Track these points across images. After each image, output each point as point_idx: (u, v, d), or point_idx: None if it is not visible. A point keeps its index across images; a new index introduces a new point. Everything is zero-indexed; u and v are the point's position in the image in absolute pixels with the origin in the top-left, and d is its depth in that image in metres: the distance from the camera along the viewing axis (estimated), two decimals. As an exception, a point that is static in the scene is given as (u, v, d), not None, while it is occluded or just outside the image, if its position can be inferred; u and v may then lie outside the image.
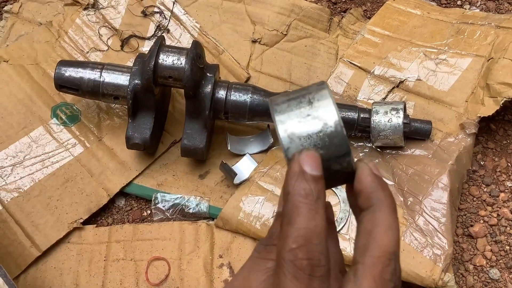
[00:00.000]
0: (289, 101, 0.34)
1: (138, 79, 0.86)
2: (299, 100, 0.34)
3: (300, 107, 0.34)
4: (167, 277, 0.84)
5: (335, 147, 0.33)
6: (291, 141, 0.33)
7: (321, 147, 0.33)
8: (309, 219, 0.30)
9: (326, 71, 1.02)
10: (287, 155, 0.33)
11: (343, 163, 0.34)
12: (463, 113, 0.92)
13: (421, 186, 0.86)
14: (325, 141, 0.33)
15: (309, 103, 0.34)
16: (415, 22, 1.03)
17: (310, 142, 0.33)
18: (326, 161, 0.33)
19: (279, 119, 0.34)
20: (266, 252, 0.34)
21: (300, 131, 0.33)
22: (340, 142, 0.33)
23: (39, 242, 0.86)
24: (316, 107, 0.33)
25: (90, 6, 1.07)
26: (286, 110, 0.34)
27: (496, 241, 0.87)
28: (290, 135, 0.33)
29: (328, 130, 0.33)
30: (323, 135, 0.33)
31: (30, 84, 0.99)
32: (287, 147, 0.33)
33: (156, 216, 0.90)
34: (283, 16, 1.06)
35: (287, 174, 0.32)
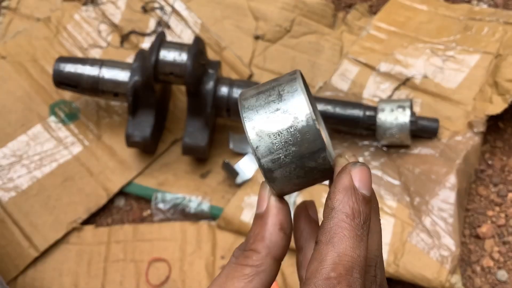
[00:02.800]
0: (258, 95, 0.31)
1: (138, 76, 0.85)
2: (268, 94, 0.31)
3: (269, 101, 0.31)
4: (168, 278, 0.83)
5: (308, 143, 0.30)
6: (260, 139, 0.30)
7: (292, 144, 0.30)
8: (354, 247, 0.27)
9: (330, 68, 1.00)
10: (257, 155, 0.31)
11: (318, 159, 0.31)
12: (471, 111, 0.90)
13: (428, 186, 0.84)
14: (297, 137, 0.30)
15: (279, 96, 0.31)
16: (421, 18, 1.01)
17: (280, 140, 0.30)
18: (300, 158, 0.31)
19: (247, 115, 0.31)
20: (244, 257, 0.31)
21: (269, 128, 0.30)
22: (313, 137, 0.30)
23: (37, 242, 0.84)
24: (286, 100, 0.31)
25: (89, 2, 1.05)
26: (254, 105, 0.31)
27: (504, 242, 0.86)
28: (259, 133, 0.30)
29: (299, 125, 0.30)
30: (294, 130, 0.30)
31: (29, 81, 0.97)
32: (256, 146, 0.30)
33: (157, 216, 0.88)
34: (287, 11, 1.04)
35: (335, 186, 0.29)
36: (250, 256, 0.31)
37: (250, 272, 0.30)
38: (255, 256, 0.31)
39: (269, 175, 0.31)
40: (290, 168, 0.31)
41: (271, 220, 0.32)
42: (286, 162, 0.31)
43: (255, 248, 0.31)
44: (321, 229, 0.29)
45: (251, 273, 0.30)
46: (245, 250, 0.32)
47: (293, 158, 0.31)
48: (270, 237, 0.31)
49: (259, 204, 0.33)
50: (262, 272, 0.31)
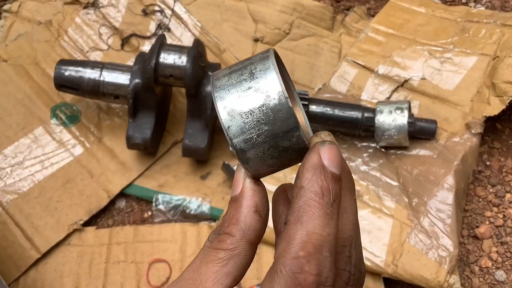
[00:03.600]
0: (230, 74, 0.30)
1: (138, 78, 0.85)
2: (240, 72, 0.30)
3: (241, 79, 0.30)
4: (169, 279, 0.83)
5: (281, 122, 0.29)
6: (232, 118, 0.29)
7: (265, 123, 0.29)
8: (323, 225, 0.27)
9: (329, 70, 1.00)
10: (229, 135, 0.29)
11: (292, 138, 0.30)
12: (469, 113, 0.90)
13: (426, 187, 0.85)
14: (269, 115, 0.29)
15: (251, 75, 0.30)
16: (419, 20, 1.02)
17: (252, 119, 0.29)
18: (273, 138, 0.29)
19: (218, 95, 0.30)
20: (218, 241, 0.30)
21: (241, 107, 0.29)
22: (286, 116, 0.29)
23: (39, 244, 0.85)
24: (258, 79, 0.30)
25: (90, 5, 1.05)
26: (226, 84, 0.30)
27: (502, 242, 0.86)
28: (230, 112, 0.29)
29: (271, 103, 0.29)
30: (266, 109, 0.29)
31: (30, 84, 0.98)
32: (227, 126, 0.29)
33: (157, 217, 0.89)
34: (286, 14, 1.05)
35: (303, 165, 0.29)
36: (224, 240, 0.30)
37: (224, 256, 0.30)
38: (229, 239, 0.30)
39: (242, 156, 0.30)
40: (263, 148, 0.30)
41: (246, 202, 0.31)
42: (259, 142, 0.30)
43: (229, 231, 0.30)
44: (290, 209, 0.28)
45: (226, 257, 0.29)
46: (219, 234, 0.30)
47: (266, 137, 0.29)
48: (245, 220, 0.30)
49: (234, 187, 0.32)
50: (236, 255, 0.30)
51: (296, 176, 0.29)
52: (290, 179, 0.88)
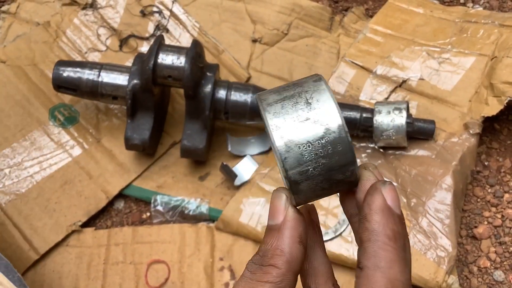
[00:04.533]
0: (284, 101, 0.30)
1: (137, 79, 0.85)
2: (295, 100, 0.29)
3: (297, 108, 0.29)
4: (167, 280, 0.83)
5: (338, 156, 0.29)
6: (289, 149, 0.29)
7: (322, 156, 0.29)
8: (401, 271, 0.26)
9: (327, 70, 1.00)
10: (285, 167, 0.29)
11: (347, 172, 0.30)
12: (467, 113, 0.90)
13: (424, 187, 0.85)
14: (328, 149, 0.29)
15: (307, 104, 0.29)
16: (417, 21, 1.02)
17: (310, 151, 0.29)
18: (328, 171, 0.29)
19: (274, 123, 0.29)
20: (262, 273, 0.29)
21: (298, 138, 0.29)
22: (345, 150, 0.29)
23: (37, 245, 0.85)
24: (316, 109, 0.29)
25: (88, 6, 1.05)
26: (280, 112, 0.29)
27: (501, 243, 0.86)
28: (288, 143, 0.29)
29: (331, 137, 0.29)
30: (325, 142, 0.29)
31: (28, 85, 0.98)
32: (284, 158, 0.29)
33: (156, 218, 0.89)
34: (284, 15, 1.05)
35: (369, 206, 0.28)
36: (269, 272, 0.29)
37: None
38: (275, 272, 0.29)
39: (295, 188, 0.29)
40: (317, 180, 0.29)
41: (290, 232, 0.30)
42: (314, 175, 0.29)
43: (274, 263, 0.29)
44: (364, 253, 0.28)
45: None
46: (262, 265, 0.29)
47: (322, 170, 0.29)
48: (290, 251, 0.29)
49: (274, 215, 0.31)
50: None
51: (363, 218, 0.29)
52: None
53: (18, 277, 0.69)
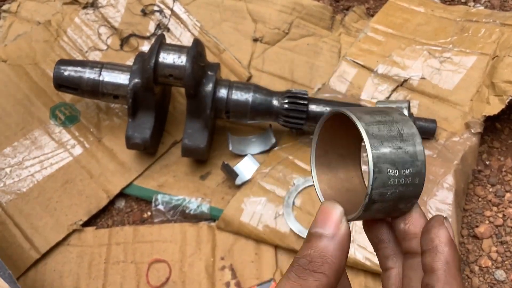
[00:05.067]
0: (379, 125, 0.31)
1: (138, 78, 0.85)
2: (389, 128, 0.32)
3: (392, 135, 0.31)
4: (168, 280, 0.83)
5: (413, 187, 0.31)
6: (380, 171, 0.30)
7: (402, 184, 0.31)
8: None
9: (328, 70, 1.00)
10: (372, 185, 0.30)
11: (409, 204, 0.32)
12: (468, 112, 0.90)
13: (426, 187, 0.85)
14: (408, 179, 0.31)
15: (400, 135, 0.31)
16: (418, 20, 1.02)
17: (395, 178, 0.31)
18: (399, 199, 0.31)
19: (372, 143, 0.30)
20: (312, 279, 0.30)
21: (390, 164, 0.31)
22: (419, 183, 0.31)
23: (38, 244, 0.85)
24: (407, 142, 0.31)
25: (89, 5, 1.05)
26: (378, 135, 0.31)
27: (502, 242, 0.86)
28: (381, 164, 0.30)
29: (414, 169, 0.31)
30: (409, 172, 0.31)
31: (29, 84, 0.98)
32: (375, 177, 0.30)
33: (157, 217, 0.89)
34: (285, 14, 1.05)
35: (439, 238, 0.31)
36: (319, 279, 0.30)
37: None
38: (325, 280, 0.30)
39: (369, 205, 0.31)
40: (387, 204, 0.31)
41: (342, 245, 0.31)
42: (389, 199, 0.31)
43: (324, 271, 0.30)
44: (437, 280, 0.30)
45: None
46: (313, 271, 0.30)
47: (396, 197, 0.31)
48: (340, 263, 0.31)
49: (326, 224, 0.31)
50: None
51: (430, 246, 0.31)
52: (289, 178, 0.88)
53: (9, 274, 0.69)
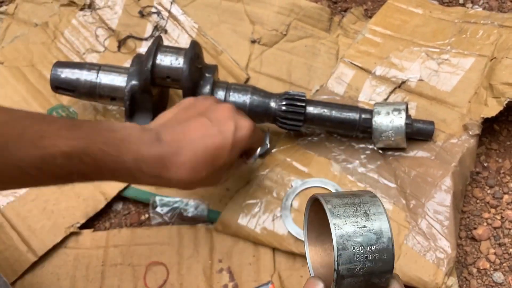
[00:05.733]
0: (345, 207, 0.35)
1: (135, 80, 0.85)
2: (355, 209, 0.35)
3: (357, 216, 0.35)
4: (166, 282, 0.83)
5: (382, 263, 0.34)
6: (344, 248, 0.34)
7: (369, 260, 0.34)
8: None
9: (326, 71, 1.00)
10: (338, 261, 0.34)
11: (383, 278, 0.35)
12: (466, 114, 0.90)
13: (424, 189, 0.85)
14: (375, 255, 0.34)
15: (365, 214, 0.35)
16: (417, 21, 1.02)
17: (361, 253, 0.34)
18: (370, 274, 0.34)
19: (336, 222, 0.34)
20: None
21: (355, 240, 0.34)
22: (388, 259, 0.34)
23: (35, 247, 0.85)
24: (372, 220, 0.35)
25: (87, 7, 1.05)
26: (343, 215, 0.35)
27: (500, 244, 0.86)
28: (345, 242, 0.34)
29: (380, 246, 0.34)
30: (374, 249, 0.34)
31: (26, 86, 0.98)
32: (340, 253, 0.34)
33: (154, 220, 0.88)
34: (283, 15, 1.05)
35: None
36: None
37: None
38: None
39: (340, 281, 0.34)
40: (358, 279, 0.35)
41: None
42: (358, 274, 0.34)
43: None
44: None
45: None
46: None
47: (365, 272, 0.34)
48: None
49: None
50: None
51: None
52: (287, 181, 0.88)
53: (4, 282, 0.69)
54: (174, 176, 0.65)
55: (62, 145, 0.54)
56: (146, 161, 0.62)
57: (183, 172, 0.65)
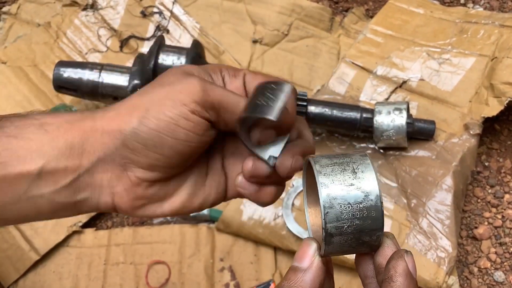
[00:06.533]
0: (333, 166, 0.35)
1: (137, 79, 0.85)
2: (343, 168, 0.35)
3: (344, 174, 0.35)
4: (168, 281, 0.83)
5: (371, 220, 0.34)
6: (331, 206, 0.34)
7: (358, 218, 0.34)
8: None
9: (328, 71, 1.00)
10: (325, 219, 0.34)
11: (373, 236, 0.35)
12: (467, 114, 0.90)
13: (424, 188, 0.85)
14: (363, 212, 0.34)
15: (353, 173, 0.35)
16: (418, 21, 1.02)
17: (349, 211, 0.34)
18: (359, 232, 0.34)
19: (323, 181, 0.34)
20: None
21: (342, 198, 0.34)
22: (377, 217, 0.34)
23: (38, 246, 0.85)
24: (360, 178, 0.35)
25: (89, 7, 1.06)
26: (330, 174, 0.35)
27: (501, 243, 0.86)
28: (332, 200, 0.34)
29: (368, 203, 0.34)
30: (362, 206, 0.34)
31: (29, 86, 0.98)
32: (326, 212, 0.34)
33: (156, 219, 0.89)
34: (284, 15, 1.05)
35: (395, 269, 0.33)
36: None
37: None
38: None
39: (328, 239, 0.34)
40: (348, 237, 0.34)
41: (313, 278, 0.35)
42: (347, 232, 0.34)
43: None
44: None
45: None
46: None
47: (354, 230, 0.34)
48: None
49: (302, 259, 0.35)
50: None
51: (386, 276, 0.34)
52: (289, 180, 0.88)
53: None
54: None
55: None
56: None
57: None
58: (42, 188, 0.38)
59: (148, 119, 0.37)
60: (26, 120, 0.39)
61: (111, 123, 0.38)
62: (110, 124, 0.38)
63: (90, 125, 0.38)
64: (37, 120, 0.39)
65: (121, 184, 0.39)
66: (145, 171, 0.39)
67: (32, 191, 0.38)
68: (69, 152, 0.38)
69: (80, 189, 0.39)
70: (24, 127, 0.38)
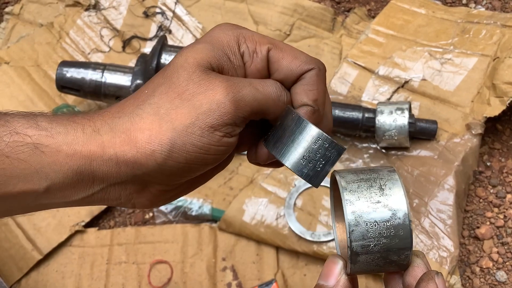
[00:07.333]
0: (360, 182, 0.34)
1: (140, 79, 0.86)
2: (370, 184, 0.34)
3: (371, 191, 0.33)
4: (170, 280, 0.84)
5: (398, 239, 0.33)
6: (357, 224, 0.33)
7: (385, 236, 0.33)
8: None
9: (330, 71, 1.01)
10: (350, 238, 0.33)
11: (402, 255, 0.33)
12: (469, 113, 0.91)
13: (426, 188, 0.85)
14: (391, 231, 0.33)
15: (380, 189, 0.34)
16: (420, 21, 1.02)
17: (375, 229, 0.33)
18: (386, 251, 0.33)
19: (349, 198, 0.33)
20: None
21: (368, 217, 0.33)
22: (405, 236, 0.33)
23: (40, 245, 0.85)
24: (387, 195, 0.33)
25: (92, 7, 1.06)
26: (356, 191, 0.34)
27: (503, 243, 0.86)
28: (358, 218, 0.33)
29: (395, 222, 0.33)
30: (390, 225, 0.33)
31: (31, 86, 0.98)
32: (352, 230, 0.33)
33: (159, 218, 0.89)
34: (286, 16, 1.05)
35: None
36: None
37: None
38: None
39: (354, 258, 0.33)
40: (374, 256, 0.33)
41: None
42: (374, 251, 0.33)
43: None
44: None
45: None
46: None
47: (381, 249, 0.33)
48: None
49: (328, 277, 0.35)
50: None
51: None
52: (291, 179, 0.88)
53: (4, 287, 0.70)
54: None
55: None
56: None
57: None
58: (52, 199, 0.35)
59: (175, 154, 0.34)
60: (15, 137, 0.34)
61: (126, 152, 0.34)
62: (125, 153, 0.34)
63: (97, 151, 0.34)
64: (29, 137, 0.34)
65: (141, 197, 0.37)
66: (168, 185, 0.37)
67: (41, 201, 0.35)
68: (78, 178, 0.34)
69: (95, 201, 0.37)
70: (15, 146, 0.33)
